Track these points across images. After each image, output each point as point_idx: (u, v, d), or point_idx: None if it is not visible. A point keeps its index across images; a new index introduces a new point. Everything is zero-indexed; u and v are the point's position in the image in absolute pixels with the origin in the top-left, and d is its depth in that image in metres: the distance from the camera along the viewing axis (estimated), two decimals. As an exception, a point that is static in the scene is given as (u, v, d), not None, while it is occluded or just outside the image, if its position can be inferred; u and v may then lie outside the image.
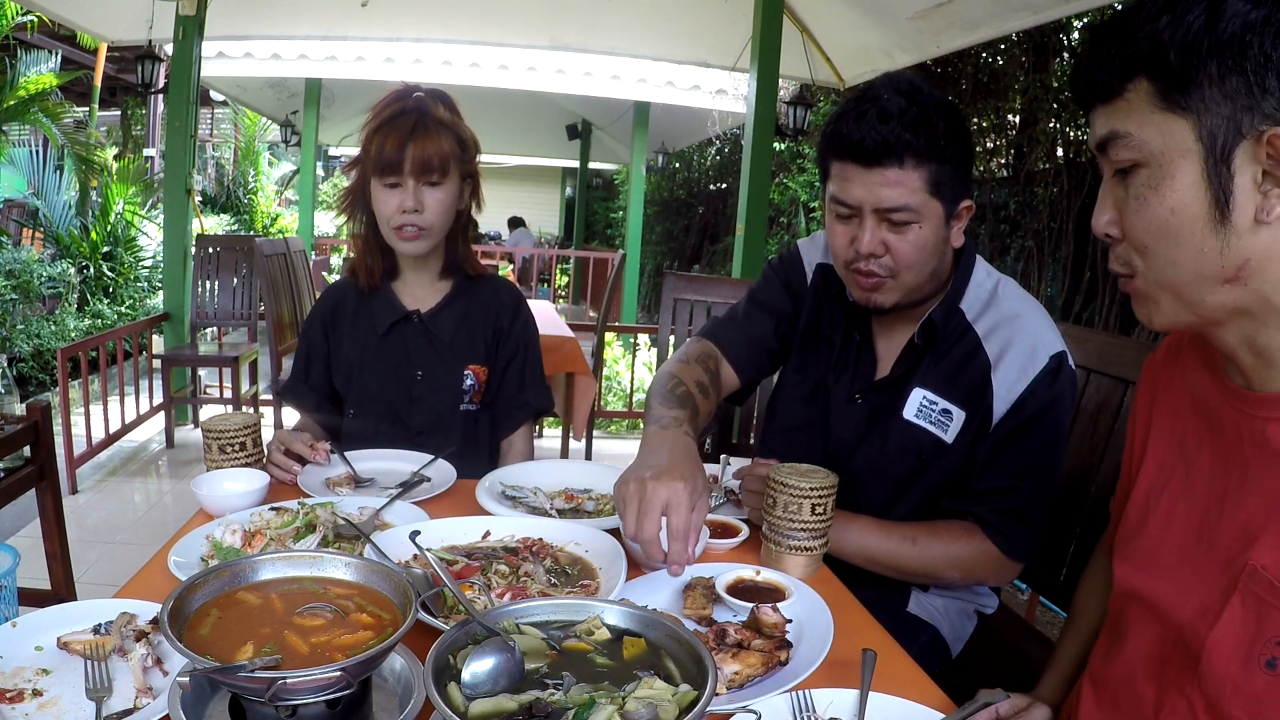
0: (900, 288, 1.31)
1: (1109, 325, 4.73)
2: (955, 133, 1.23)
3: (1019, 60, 5.45)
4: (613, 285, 4.89)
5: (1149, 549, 0.91)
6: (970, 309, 1.35)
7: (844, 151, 1.25)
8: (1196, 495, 0.87)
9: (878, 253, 1.27)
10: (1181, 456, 0.90)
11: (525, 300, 1.82)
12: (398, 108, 1.59)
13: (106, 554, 3.18)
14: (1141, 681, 0.88)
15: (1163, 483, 0.92)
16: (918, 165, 1.22)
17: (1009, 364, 1.29)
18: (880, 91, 1.23)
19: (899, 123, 1.20)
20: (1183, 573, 0.85)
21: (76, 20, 5.07)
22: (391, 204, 1.58)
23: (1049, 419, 1.30)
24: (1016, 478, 1.30)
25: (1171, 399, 0.94)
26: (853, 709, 0.88)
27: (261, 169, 12.59)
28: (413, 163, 1.55)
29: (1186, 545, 0.86)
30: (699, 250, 12.03)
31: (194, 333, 4.79)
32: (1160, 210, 0.74)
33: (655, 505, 1.05)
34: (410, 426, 1.71)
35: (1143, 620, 0.90)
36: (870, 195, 1.24)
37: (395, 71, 6.48)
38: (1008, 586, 2.72)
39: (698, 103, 7.23)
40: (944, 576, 1.36)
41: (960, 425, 1.33)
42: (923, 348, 1.35)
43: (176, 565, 1.10)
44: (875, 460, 1.39)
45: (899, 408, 1.37)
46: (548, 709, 0.70)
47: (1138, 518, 0.94)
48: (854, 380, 1.45)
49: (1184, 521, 0.87)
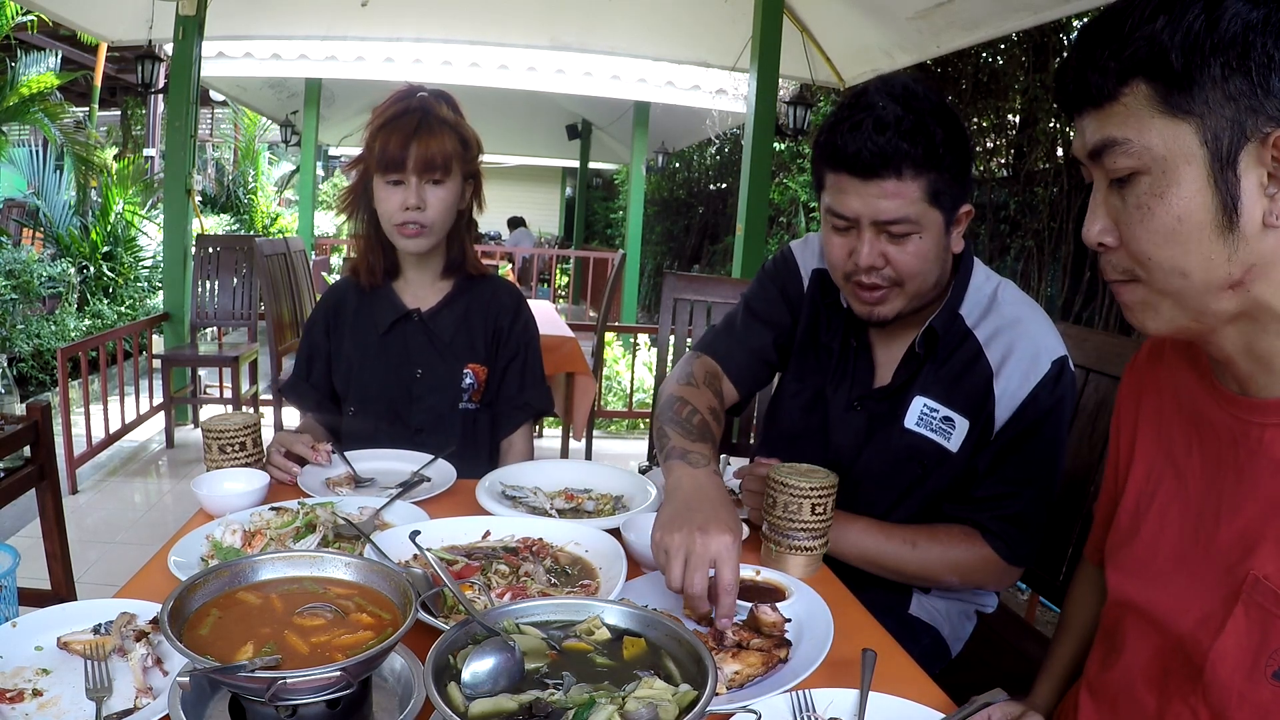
0: (903, 297, 1.28)
1: (1109, 325, 4.73)
2: (953, 139, 1.19)
3: (1019, 60, 5.45)
4: (613, 285, 4.89)
5: (1142, 557, 0.89)
6: (970, 314, 1.33)
7: (839, 163, 1.21)
8: (1190, 501, 0.85)
9: (877, 264, 1.24)
10: (1170, 461, 0.89)
11: (525, 301, 1.82)
12: (402, 106, 1.60)
13: (106, 554, 3.18)
14: (1142, 691, 0.87)
15: (1152, 489, 0.91)
16: (916, 175, 1.18)
17: (1011, 371, 1.27)
18: (875, 99, 1.19)
19: (895, 132, 1.16)
20: (1179, 581, 0.84)
21: (76, 20, 5.07)
22: (394, 201, 1.59)
23: (1050, 425, 1.28)
24: (1018, 484, 1.30)
25: (1157, 402, 0.93)
26: (853, 709, 0.88)
27: (261, 169, 12.58)
28: (416, 160, 1.56)
29: (1182, 552, 0.85)
30: (699, 250, 12.04)
31: (194, 333, 4.79)
32: (1166, 219, 0.72)
33: (705, 560, 1.00)
34: (410, 425, 1.71)
35: (1140, 629, 0.89)
36: (868, 208, 1.21)
37: (395, 71, 6.49)
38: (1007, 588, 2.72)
39: (697, 103, 7.23)
40: (943, 580, 1.36)
41: (964, 434, 1.31)
42: (923, 356, 1.34)
43: (176, 565, 1.10)
44: (876, 468, 1.38)
45: (899, 415, 1.35)
46: (548, 709, 0.70)
47: (1129, 524, 0.93)
48: (852, 388, 1.42)
49: (1178, 528, 0.86)
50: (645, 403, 5.56)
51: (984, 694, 0.91)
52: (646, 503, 1.39)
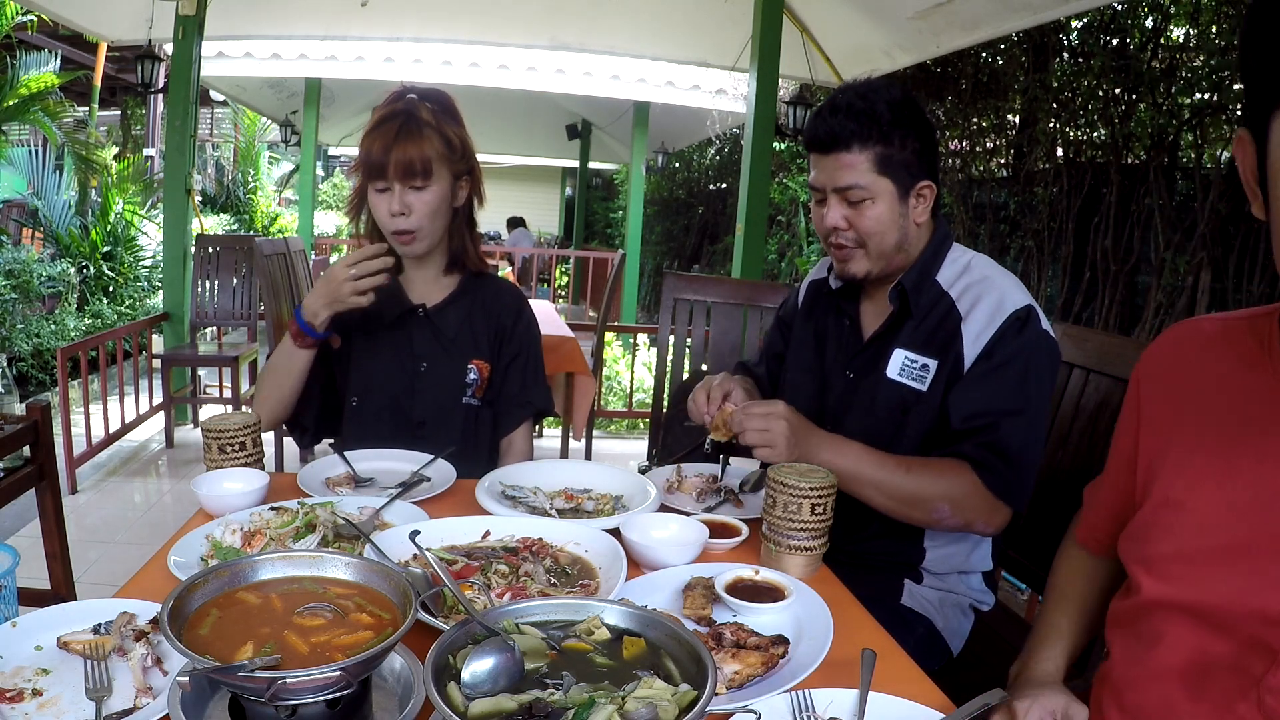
0: (868, 257, 1.47)
1: (1109, 325, 4.74)
2: (901, 120, 1.39)
3: (1019, 60, 5.45)
4: (612, 285, 4.89)
5: (1184, 557, 0.85)
6: (946, 279, 1.48)
7: (809, 144, 1.47)
8: (1239, 499, 0.82)
9: (841, 226, 1.45)
10: (1213, 458, 0.86)
11: (527, 302, 1.83)
12: (388, 111, 1.61)
13: (106, 554, 3.18)
14: (1176, 695, 0.84)
15: (1188, 486, 0.87)
16: (863, 148, 1.40)
17: (977, 315, 1.41)
18: (838, 92, 1.44)
19: (845, 114, 1.40)
20: (1234, 580, 0.80)
21: (76, 20, 5.06)
22: (382, 208, 1.61)
23: (1020, 363, 1.37)
24: (995, 415, 1.36)
25: (1194, 396, 0.90)
26: (852, 709, 0.88)
27: (261, 169, 12.58)
28: (396, 166, 1.56)
29: (1231, 551, 0.81)
30: (699, 250, 12.04)
31: (194, 332, 4.79)
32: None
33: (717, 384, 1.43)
34: (412, 418, 1.71)
35: (1178, 630, 0.85)
36: (828, 178, 1.44)
37: (395, 71, 6.48)
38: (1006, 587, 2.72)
39: (697, 102, 7.22)
40: (935, 508, 1.35)
41: (933, 374, 1.43)
42: (899, 311, 1.48)
43: (176, 565, 1.10)
44: (865, 423, 1.47)
45: (881, 367, 1.48)
46: (547, 709, 0.70)
47: (1162, 522, 0.89)
48: (841, 353, 1.58)
49: (1224, 526, 0.82)
50: (645, 403, 5.55)
51: (983, 694, 0.91)
52: (646, 503, 1.39)
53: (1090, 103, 5.04)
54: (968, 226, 5.98)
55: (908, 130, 1.40)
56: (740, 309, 2.63)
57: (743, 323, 2.67)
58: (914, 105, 1.43)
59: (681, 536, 1.26)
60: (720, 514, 1.40)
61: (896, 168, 1.42)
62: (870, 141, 1.40)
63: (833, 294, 1.60)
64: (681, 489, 1.55)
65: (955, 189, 6.03)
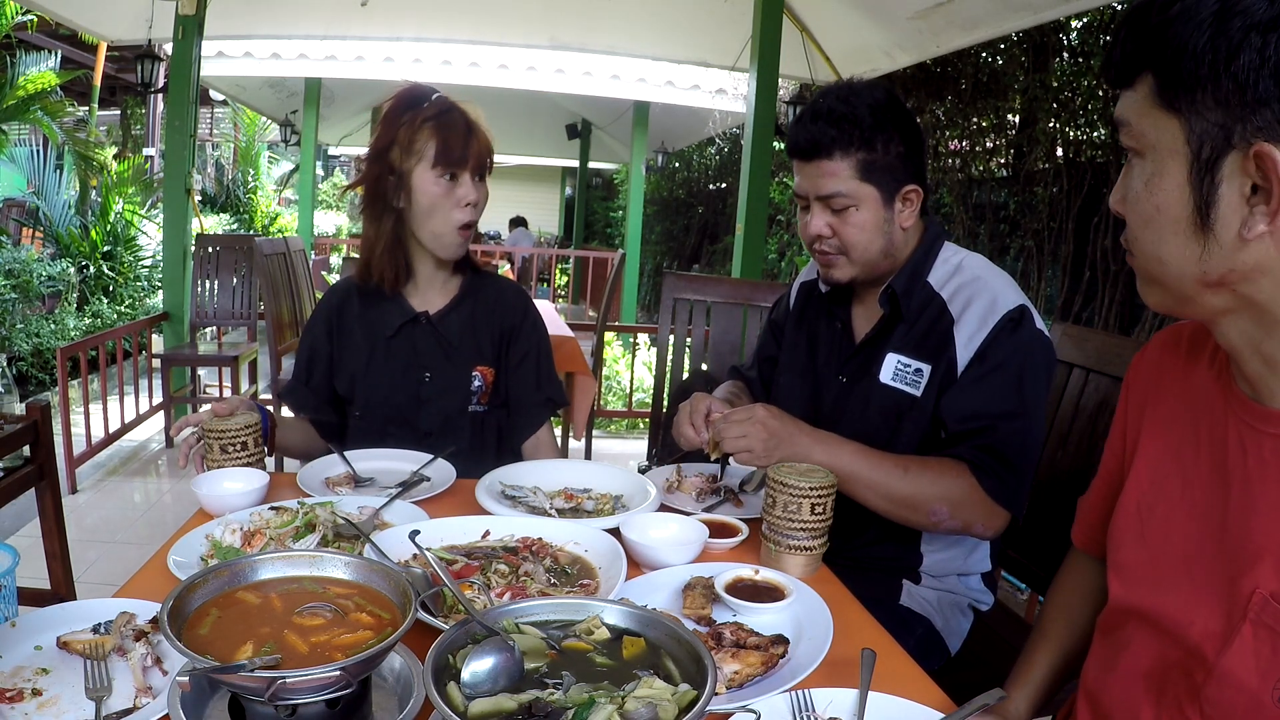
0: (851, 265, 1.46)
1: (1109, 325, 4.73)
2: (883, 124, 1.37)
3: (1019, 60, 5.45)
4: (612, 285, 4.89)
5: (1147, 563, 0.88)
6: (937, 281, 1.46)
7: (791, 151, 1.45)
8: (1196, 508, 0.84)
9: (825, 234, 1.44)
10: (1179, 464, 0.87)
11: (531, 299, 1.81)
12: (444, 104, 1.60)
13: (106, 553, 3.18)
14: (1140, 698, 0.86)
15: (1156, 491, 0.89)
16: (845, 155, 1.38)
17: (969, 318, 1.39)
18: (820, 96, 1.42)
19: (826, 121, 1.37)
20: (1184, 590, 0.82)
21: (76, 20, 5.05)
22: (450, 200, 1.58)
23: (1015, 365, 1.35)
24: (991, 418, 1.34)
25: (1167, 401, 0.91)
26: (852, 709, 0.88)
27: (261, 168, 12.58)
28: (474, 159, 1.58)
29: (1189, 560, 0.83)
30: (699, 250, 12.03)
31: (194, 332, 4.79)
32: (1148, 205, 0.74)
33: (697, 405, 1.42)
34: (418, 429, 1.69)
35: (1144, 635, 0.87)
36: (811, 185, 1.42)
37: (395, 71, 6.47)
38: (1006, 587, 2.72)
39: (697, 102, 7.22)
40: (932, 509, 1.34)
41: (927, 378, 1.41)
42: (890, 315, 1.46)
43: (176, 565, 1.10)
44: (859, 428, 1.44)
45: (874, 372, 1.46)
46: (547, 709, 0.70)
47: (1132, 528, 0.91)
48: (833, 357, 1.57)
49: (1184, 535, 0.84)
50: (645, 402, 5.55)
51: (983, 694, 0.91)
52: (646, 502, 1.39)
53: (1090, 103, 5.03)
54: (968, 226, 5.97)
55: (891, 134, 1.38)
56: (740, 309, 2.63)
57: (743, 322, 2.67)
58: (898, 107, 1.40)
59: (681, 536, 1.26)
60: (720, 514, 1.41)
61: (880, 173, 1.39)
62: (852, 148, 1.37)
63: (823, 297, 1.60)
64: (681, 489, 1.55)
65: (955, 189, 6.03)
